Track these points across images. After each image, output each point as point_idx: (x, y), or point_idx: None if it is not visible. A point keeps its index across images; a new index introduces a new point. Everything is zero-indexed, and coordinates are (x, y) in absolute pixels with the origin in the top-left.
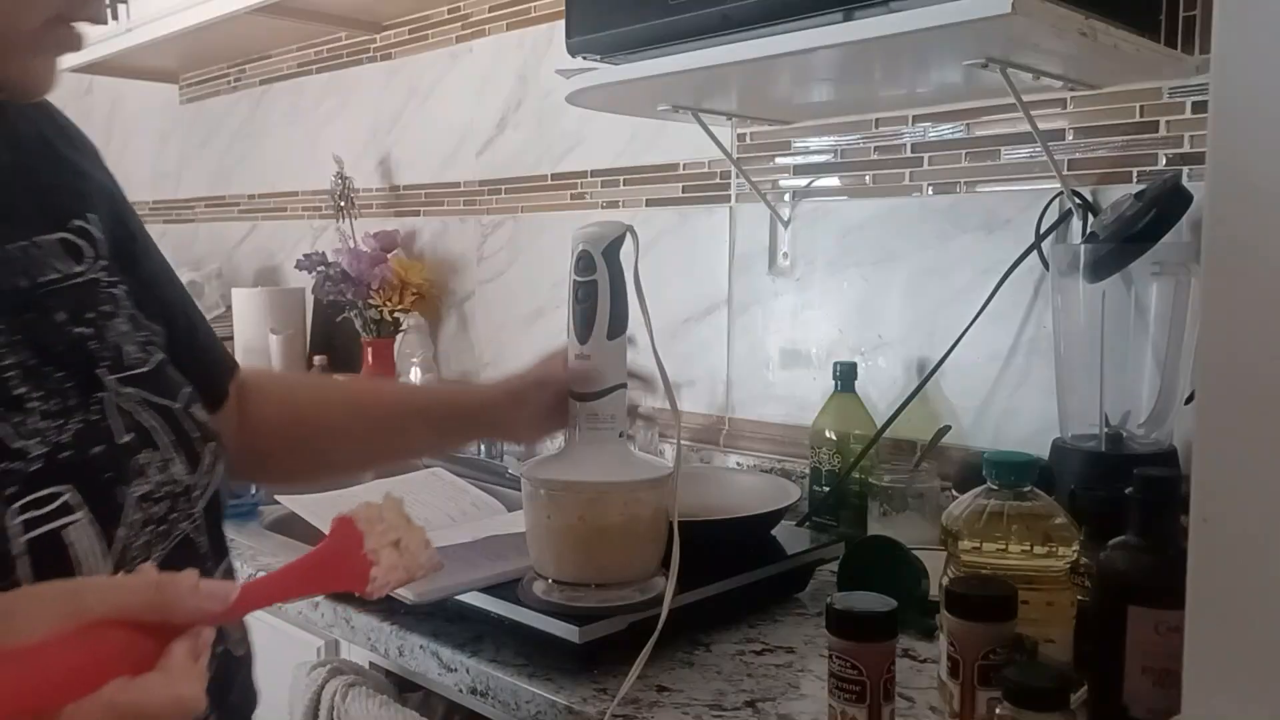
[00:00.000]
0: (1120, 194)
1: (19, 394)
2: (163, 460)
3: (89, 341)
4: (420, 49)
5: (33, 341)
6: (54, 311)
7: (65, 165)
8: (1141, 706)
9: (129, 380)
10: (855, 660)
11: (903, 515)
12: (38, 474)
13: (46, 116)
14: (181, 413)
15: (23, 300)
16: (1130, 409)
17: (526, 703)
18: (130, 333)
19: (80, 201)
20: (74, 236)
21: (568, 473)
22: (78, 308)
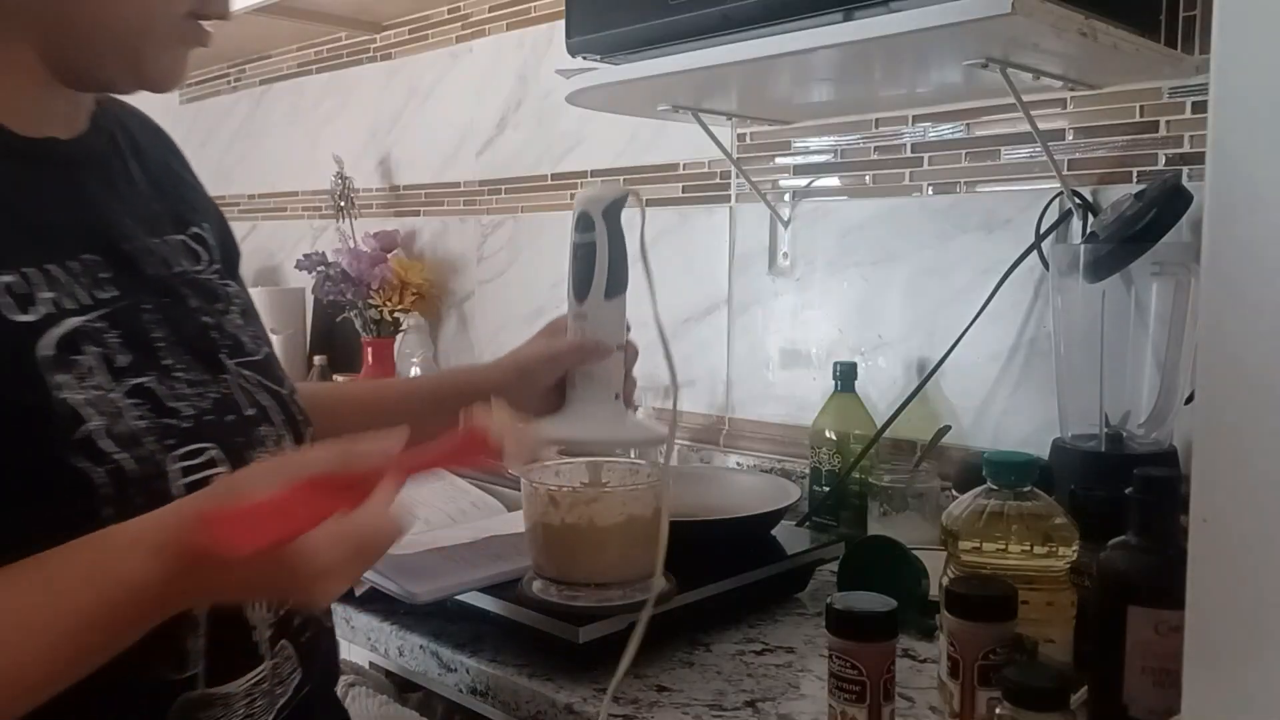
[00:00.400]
0: (1120, 194)
1: (167, 364)
2: (277, 435)
3: (211, 330)
4: (420, 49)
5: (172, 322)
6: (188, 299)
7: (180, 179)
8: (1141, 706)
9: (245, 365)
10: (855, 660)
11: (903, 515)
12: (189, 431)
13: (156, 133)
14: (288, 398)
15: (165, 286)
16: (1130, 409)
17: (526, 703)
18: (244, 326)
19: (194, 212)
20: (192, 241)
21: (560, 430)
22: (204, 298)
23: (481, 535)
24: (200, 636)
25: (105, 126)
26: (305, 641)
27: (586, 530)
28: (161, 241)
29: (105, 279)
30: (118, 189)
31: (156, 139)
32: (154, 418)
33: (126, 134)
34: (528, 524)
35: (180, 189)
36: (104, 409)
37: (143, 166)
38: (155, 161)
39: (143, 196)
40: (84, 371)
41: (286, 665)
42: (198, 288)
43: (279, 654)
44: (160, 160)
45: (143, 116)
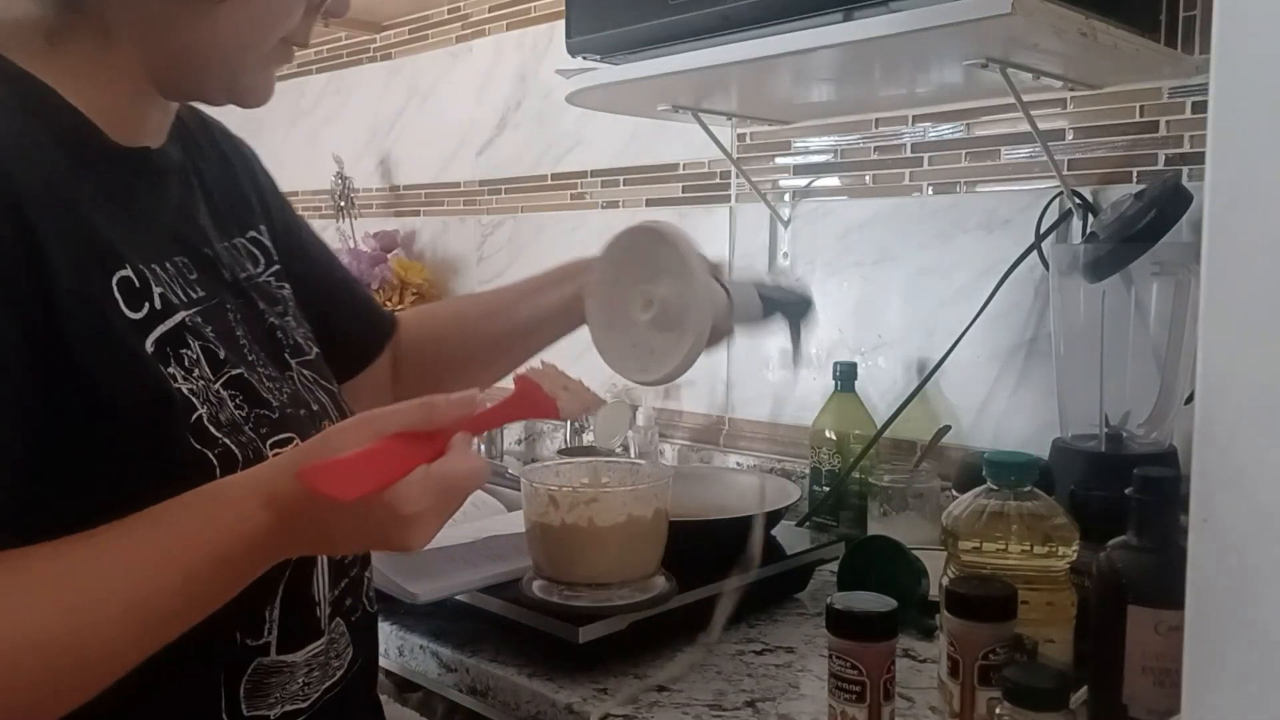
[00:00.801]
0: (1120, 194)
1: (252, 359)
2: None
3: (277, 331)
4: (420, 49)
5: (248, 321)
6: (256, 301)
7: (242, 180)
8: (1141, 706)
9: (304, 364)
10: (855, 660)
11: (903, 515)
12: (278, 421)
13: (224, 136)
14: (340, 395)
15: (238, 288)
16: (1130, 409)
17: (526, 703)
18: (297, 327)
19: (253, 214)
20: (251, 245)
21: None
22: (269, 300)
23: (481, 535)
24: (276, 606)
25: (180, 134)
26: (355, 621)
27: (586, 530)
28: (230, 246)
29: (194, 280)
30: (194, 195)
31: (220, 140)
32: (249, 408)
33: (195, 139)
34: (528, 524)
35: (242, 190)
36: (208, 398)
37: (210, 171)
38: (220, 164)
39: (212, 201)
40: (190, 363)
41: (341, 641)
42: (260, 291)
43: (335, 630)
44: (224, 162)
45: (205, 119)
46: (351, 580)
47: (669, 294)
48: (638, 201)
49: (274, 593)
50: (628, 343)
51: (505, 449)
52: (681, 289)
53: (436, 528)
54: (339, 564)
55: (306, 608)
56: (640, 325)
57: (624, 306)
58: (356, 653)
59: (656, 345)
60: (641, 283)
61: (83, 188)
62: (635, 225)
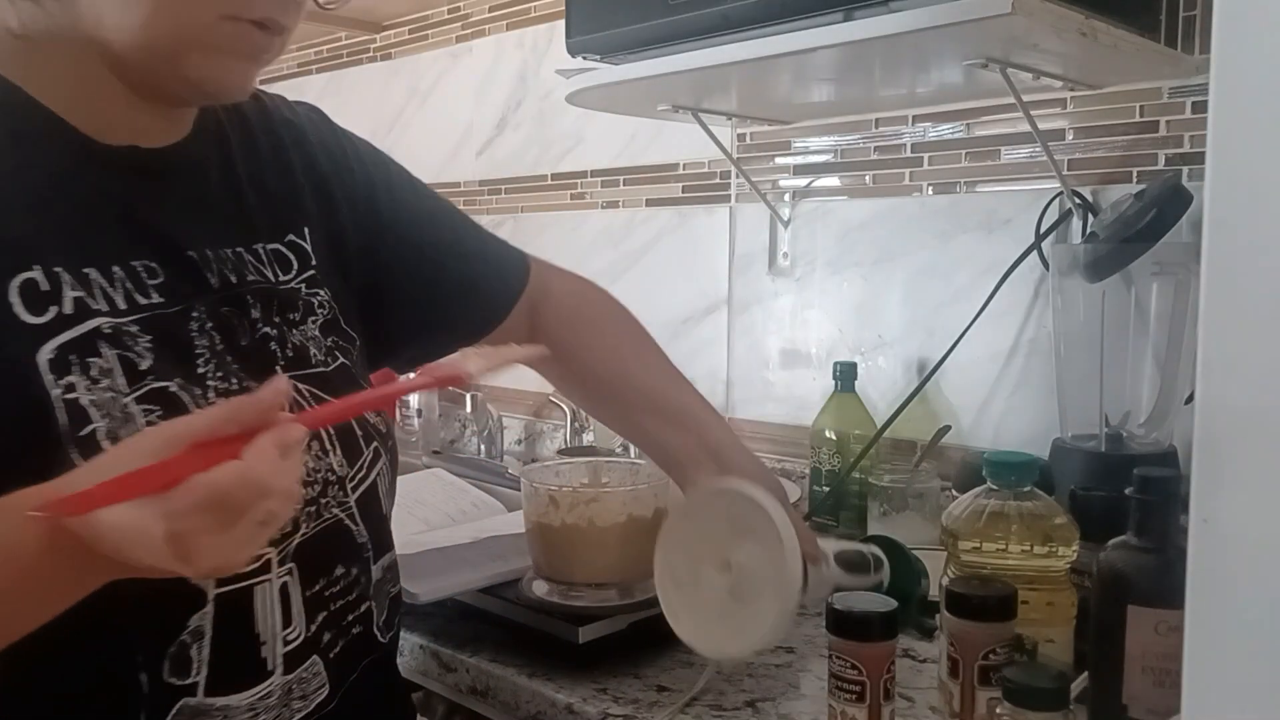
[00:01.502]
0: (1120, 194)
1: (202, 373)
2: (321, 450)
3: (271, 342)
4: (420, 49)
5: (226, 331)
6: (250, 309)
7: (292, 174)
8: (1141, 706)
9: (305, 379)
10: (855, 660)
11: (903, 515)
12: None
13: (291, 129)
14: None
15: (228, 295)
16: (1130, 409)
17: (526, 703)
18: (318, 338)
19: (300, 216)
20: (286, 250)
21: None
22: (271, 310)
23: (481, 535)
24: (205, 645)
25: (213, 131)
26: (334, 657)
27: (586, 530)
28: (245, 250)
29: (155, 285)
30: (207, 196)
31: (280, 128)
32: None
33: (236, 134)
34: (528, 524)
35: (288, 185)
36: (111, 411)
37: (252, 171)
38: (273, 158)
39: (238, 203)
40: (99, 373)
41: (312, 682)
42: (270, 298)
43: (306, 670)
44: (279, 155)
45: (266, 107)
46: (332, 613)
47: (751, 562)
48: (638, 201)
49: (201, 632)
50: (698, 605)
51: (505, 449)
52: (767, 559)
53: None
54: (316, 598)
55: (245, 647)
56: (715, 590)
57: (698, 566)
58: (333, 691)
59: (731, 615)
60: (721, 544)
61: (13, 185)
62: (726, 486)
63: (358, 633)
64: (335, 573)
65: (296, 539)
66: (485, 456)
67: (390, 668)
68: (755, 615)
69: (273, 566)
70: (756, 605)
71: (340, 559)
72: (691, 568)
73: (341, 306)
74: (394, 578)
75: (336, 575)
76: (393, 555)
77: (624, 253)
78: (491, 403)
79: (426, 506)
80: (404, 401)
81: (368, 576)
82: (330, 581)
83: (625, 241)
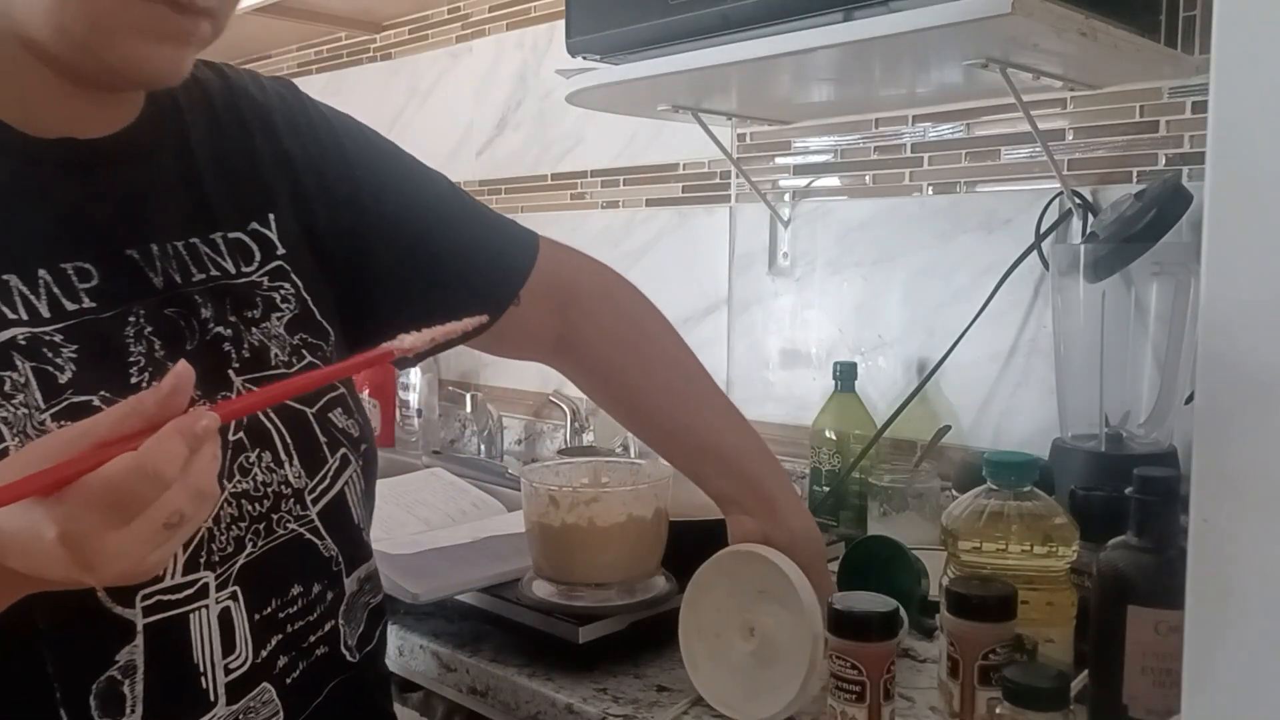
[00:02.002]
0: (1120, 194)
1: (135, 382)
2: (275, 461)
3: (224, 343)
4: (420, 49)
5: (169, 334)
6: (199, 309)
7: (258, 156)
8: (1141, 706)
9: (263, 381)
10: (855, 660)
11: (903, 515)
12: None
13: (258, 108)
14: (315, 417)
15: (172, 295)
16: (1130, 409)
17: (526, 703)
18: (282, 336)
19: (264, 201)
20: (248, 239)
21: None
22: (225, 308)
23: (481, 535)
24: (138, 681)
25: (169, 113)
26: (292, 683)
27: (586, 530)
28: (200, 241)
29: (87, 289)
30: (156, 186)
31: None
32: None
33: (205, 118)
34: (528, 524)
35: (255, 170)
36: (25, 429)
37: (214, 154)
38: (238, 141)
39: (195, 190)
40: (11, 388)
41: (264, 709)
42: (223, 294)
43: (255, 699)
44: (238, 136)
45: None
46: (290, 636)
47: (773, 624)
48: (638, 202)
49: (132, 668)
50: (726, 670)
51: (505, 449)
52: (788, 620)
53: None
54: (267, 621)
55: (182, 679)
56: (741, 654)
57: (723, 631)
58: (290, 717)
59: (759, 678)
60: (747, 606)
61: None
62: (752, 549)
63: (322, 654)
64: (292, 592)
65: (241, 560)
66: (485, 456)
67: (365, 685)
68: (784, 679)
69: (210, 591)
70: (782, 667)
71: (299, 577)
72: (718, 628)
73: (315, 298)
74: (373, 588)
75: (294, 595)
76: (370, 565)
77: (624, 253)
78: (491, 403)
79: (426, 506)
80: (404, 401)
81: (337, 592)
82: (286, 602)
83: (625, 241)
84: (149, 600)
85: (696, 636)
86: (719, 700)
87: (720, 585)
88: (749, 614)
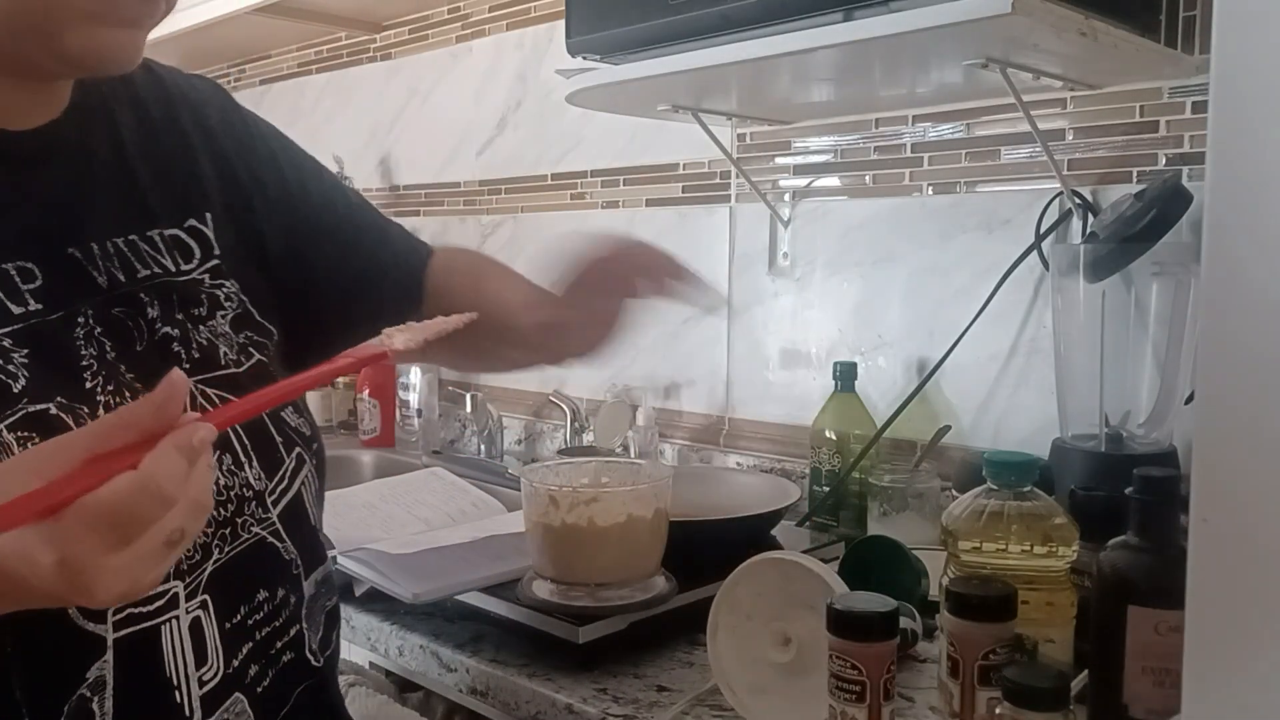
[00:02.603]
0: (1120, 194)
1: (90, 388)
2: (235, 464)
3: (173, 343)
4: (420, 49)
5: (117, 335)
6: (146, 308)
7: (191, 153)
8: (1141, 706)
9: (214, 381)
10: (855, 660)
11: (903, 515)
12: None
13: (189, 104)
14: (270, 416)
15: (118, 294)
16: (1130, 409)
17: (526, 703)
18: (229, 334)
19: (200, 199)
20: (186, 236)
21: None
22: (171, 307)
23: (481, 535)
24: (107, 698)
25: (97, 106)
26: (263, 691)
27: (586, 530)
28: (139, 239)
29: (32, 290)
30: (90, 181)
31: (179, 107)
32: None
33: (134, 112)
34: (528, 524)
35: (191, 169)
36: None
37: (146, 149)
38: (170, 138)
39: (130, 185)
40: None
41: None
42: (169, 292)
43: (229, 710)
44: (171, 135)
45: (163, 79)
46: (259, 643)
47: (809, 633)
48: (638, 202)
49: (103, 683)
50: (760, 683)
51: (505, 449)
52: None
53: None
54: (237, 629)
55: (155, 694)
56: (775, 666)
57: (757, 644)
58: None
59: (794, 690)
60: (776, 618)
61: None
62: (780, 556)
63: (289, 660)
64: (258, 598)
65: (209, 567)
66: (485, 456)
67: (328, 689)
68: (815, 691)
69: (180, 601)
70: (819, 676)
71: (264, 582)
72: (750, 644)
73: (254, 298)
74: (329, 591)
75: (260, 600)
76: (327, 568)
77: None
78: (491, 403)
79: (426, 506)
80: (404, 401)
81: (298, 596)
82: (253, 608)
83: None
84: (120, 614)
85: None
86: (726, 684)
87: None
88: (785, 622)
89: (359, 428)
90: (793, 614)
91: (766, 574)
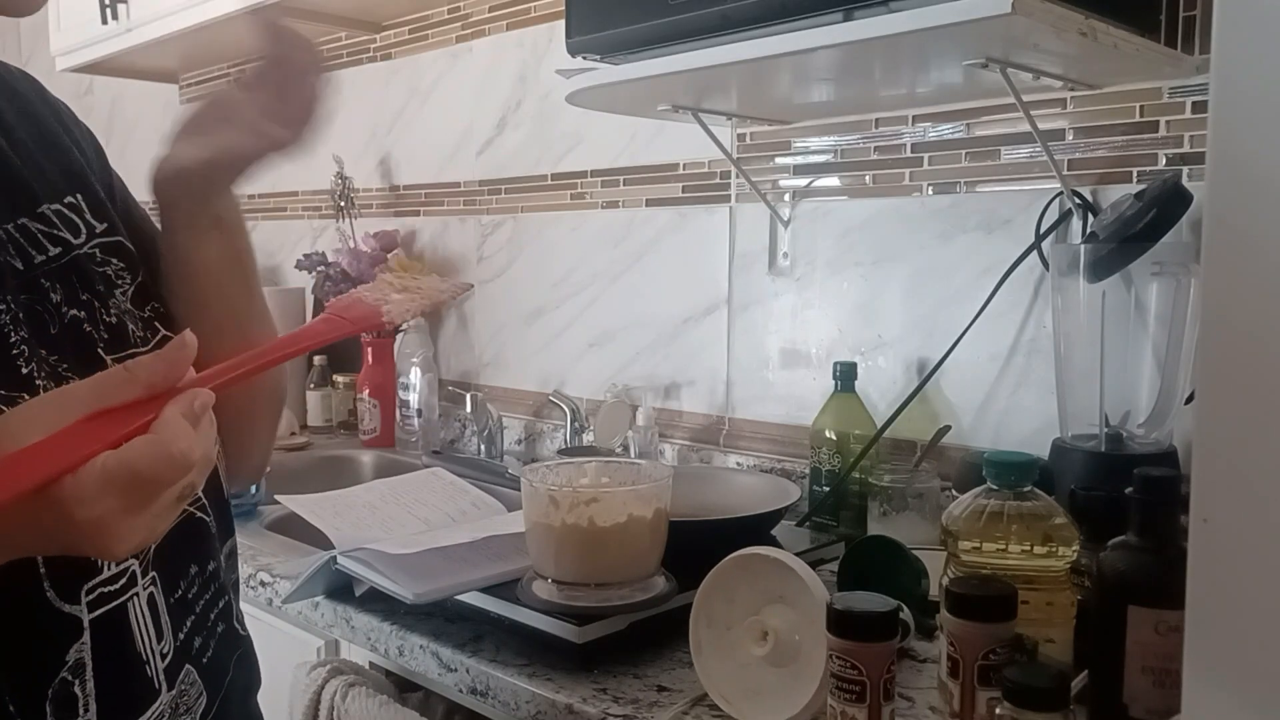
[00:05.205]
0: (1120, 194)
1: (27, 373)
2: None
3: (83, 324)
4: (420, 49)
5: (34, 322)
6: (49, 293)
7: (60, 140)
8: (1141, 706)
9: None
10: (855, 660)
11: (903, 515)
12: None
13: (37, 92)
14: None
15: (20, 281)
16: (1130, 409)
17: (526, 703)
18: (133, 311)
19: (75, 176)
20: (69, 212)
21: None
22: (72, 289)
23: (481, 535)
24: (88, 679)
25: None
26: (208, 662)
27: (586, 530)
28: (29, 220)
29: None
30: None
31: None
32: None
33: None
34: (528, 524)
35: (60, 150)
36: None
37: (13, 134)
38: (31, 125)
39: (5, 167)
40: None
41: (191, 691)
42: (64, 275)
43: (184, 681)
44: (33, 120)
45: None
46: (198, 616)
47: (785, 626)
48: (638, 202)
49: (81, 666)
50: (753, 685)
51: (505, 449)
52: (800, 621)
53: (140, 530)
54: (180, 604)
55: (130, 670)
56: (759, 662)
57: (740, 649)
58: (211, 697)
59: (769, 681)
60: (751, 614)
61: None
62: (753, 551)
63: (223, 631)
64: (190, 571)
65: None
66: (485, 456)
67: (253, 659)
68: (794, 680)
69: (138, 579)
70: (793, 669)
71: (194, 556)
72: (727, 637)
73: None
74: (232, 566)
75: (192, 574)
76: (233, 541)
77: (624, 253)
78: (491, 403)
79: (426, 506)
80: (404, 401)
81: (216, 566)
82: (189, 582)
83: (625, 241)
84: (92, 594)
85: (706, 625)
86: (733, 703)
87: (724, 590)
88: (761, 617)
89: (359, 428)
90: (765, 608)
91: (732, 576)
